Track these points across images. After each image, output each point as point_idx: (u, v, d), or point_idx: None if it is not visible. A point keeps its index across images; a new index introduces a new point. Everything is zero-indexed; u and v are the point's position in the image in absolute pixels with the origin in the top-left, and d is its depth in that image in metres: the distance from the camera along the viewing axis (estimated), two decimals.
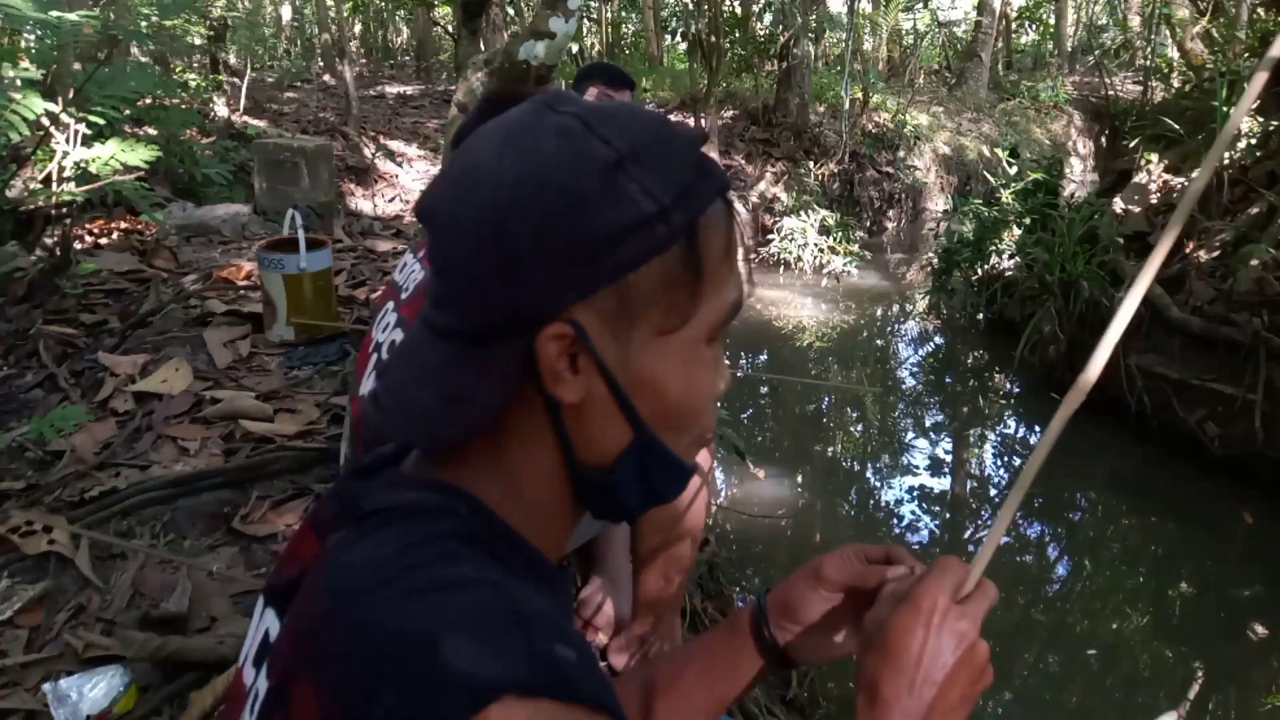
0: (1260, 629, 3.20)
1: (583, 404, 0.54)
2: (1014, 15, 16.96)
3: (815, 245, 8.03)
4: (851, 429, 5.19)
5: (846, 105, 9.88)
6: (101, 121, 3.41)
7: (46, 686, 1.45)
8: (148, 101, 5.19)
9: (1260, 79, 0.60)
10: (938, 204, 10.19)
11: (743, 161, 9.42)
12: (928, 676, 0.59)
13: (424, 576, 0.49)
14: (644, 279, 0.53)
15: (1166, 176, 5.28)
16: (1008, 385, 5.66)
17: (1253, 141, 4.85)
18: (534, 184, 0.51)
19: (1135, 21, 14.23)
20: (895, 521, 4.08)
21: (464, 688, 0.44)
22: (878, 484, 4.52)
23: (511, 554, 0.55)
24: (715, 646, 0.77)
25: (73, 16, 3.10)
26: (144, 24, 5.15)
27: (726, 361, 0.63)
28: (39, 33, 3.35)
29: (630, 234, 0.51)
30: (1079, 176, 10.97)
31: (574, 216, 0.50)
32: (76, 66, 4.10)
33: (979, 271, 6.46)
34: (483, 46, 5.79)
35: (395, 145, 8.62)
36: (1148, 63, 9.48)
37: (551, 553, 0.60)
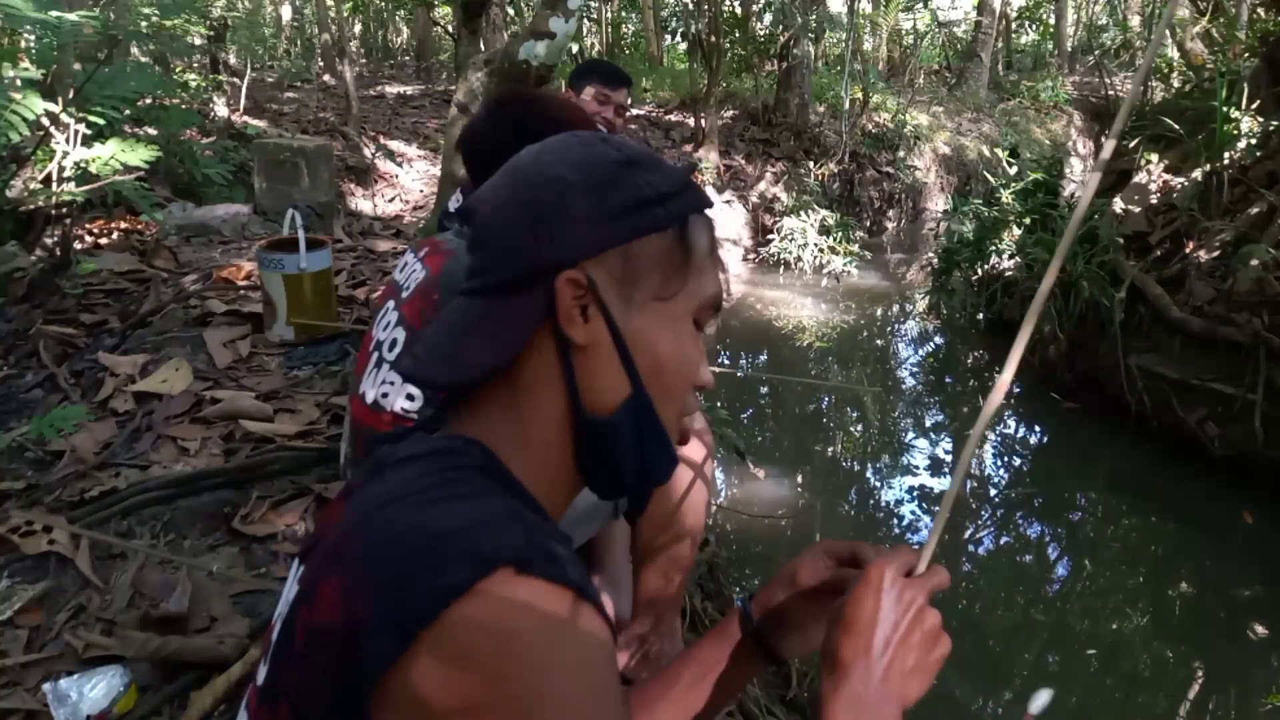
0: (1260, 629, 3.20)
1: (589, 350, 0.64)
2: (1014, 15, 16.96)
3: (815, 245, 8.03)
4: (851, 429, 5.19)
5: (846, 105, 9.88)
6: (101, 121, 3.41)
7: (46, 686, 1.44)
8: (148, 101, 5.19)
9: (1093, 182, 0.67)
10: (938, 204, 10.18)
11: (743, 161, 9.41)
12: (882, 639, 0.65)
13: (440, 492, 0.58)
14: (645, 249, 0.65)
15: (1166, 176, 5.28)
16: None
17: (1253, 141, 4.85)
18: (561, 168, 0.66)
19: (1135, 21, 14.23)
20: (895, 521, 4.07)
21: (468, 559, 0.52)
22: (878, 484, 4.52)
23: (515, 493, 0.62)
24: (706, 655, 0.81)
25: (73, 16, 3.10)
26: (144, 24, 5.16)
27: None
28: (39, 33, 3.35)
29: (634, 209, 0.65)
30: (1079, 176, 10.95)
31: (590, 190, 0.64)
32: (76, 66, 4.11)
33: (979, 271, 6.45)
34: (483, 46, 5.79)
35: (395, 145, 8.61)
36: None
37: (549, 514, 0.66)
